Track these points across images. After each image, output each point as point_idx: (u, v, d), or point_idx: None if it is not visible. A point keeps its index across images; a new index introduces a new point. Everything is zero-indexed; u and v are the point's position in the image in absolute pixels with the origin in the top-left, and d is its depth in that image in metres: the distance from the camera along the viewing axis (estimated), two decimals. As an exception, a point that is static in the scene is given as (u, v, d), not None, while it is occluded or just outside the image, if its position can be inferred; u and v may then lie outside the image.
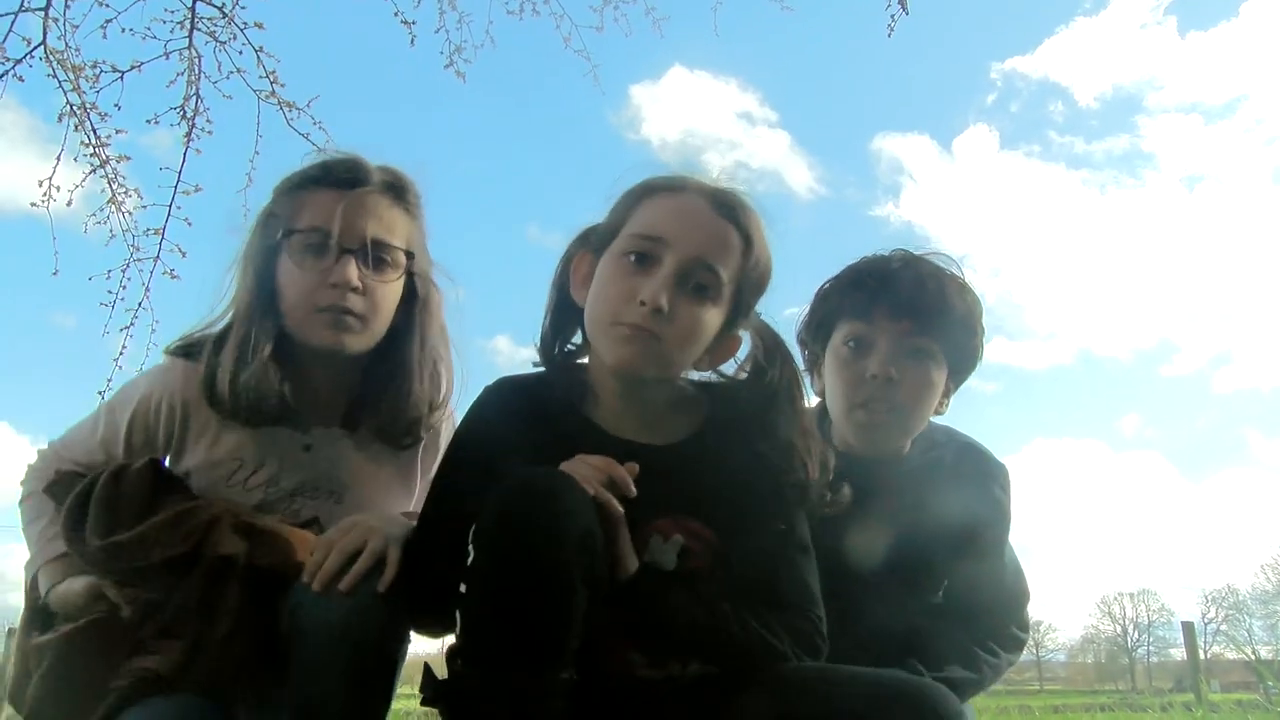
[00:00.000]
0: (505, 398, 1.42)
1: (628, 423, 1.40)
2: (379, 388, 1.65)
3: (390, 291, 1.62)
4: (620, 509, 1.20)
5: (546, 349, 1.46)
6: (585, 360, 1.47)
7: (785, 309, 1.86)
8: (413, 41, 5.25)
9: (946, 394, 1.84)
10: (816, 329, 1.84)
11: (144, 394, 1.64)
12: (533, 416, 1.37)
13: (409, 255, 1.64)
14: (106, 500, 1.44)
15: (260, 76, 5.13)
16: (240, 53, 5.09)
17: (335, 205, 1.57)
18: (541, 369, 1.47)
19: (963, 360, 1.83)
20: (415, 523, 1.42)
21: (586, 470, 1.20)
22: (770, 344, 1.46)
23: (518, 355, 1.52)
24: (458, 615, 1.16)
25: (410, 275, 1.66)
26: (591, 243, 1.43)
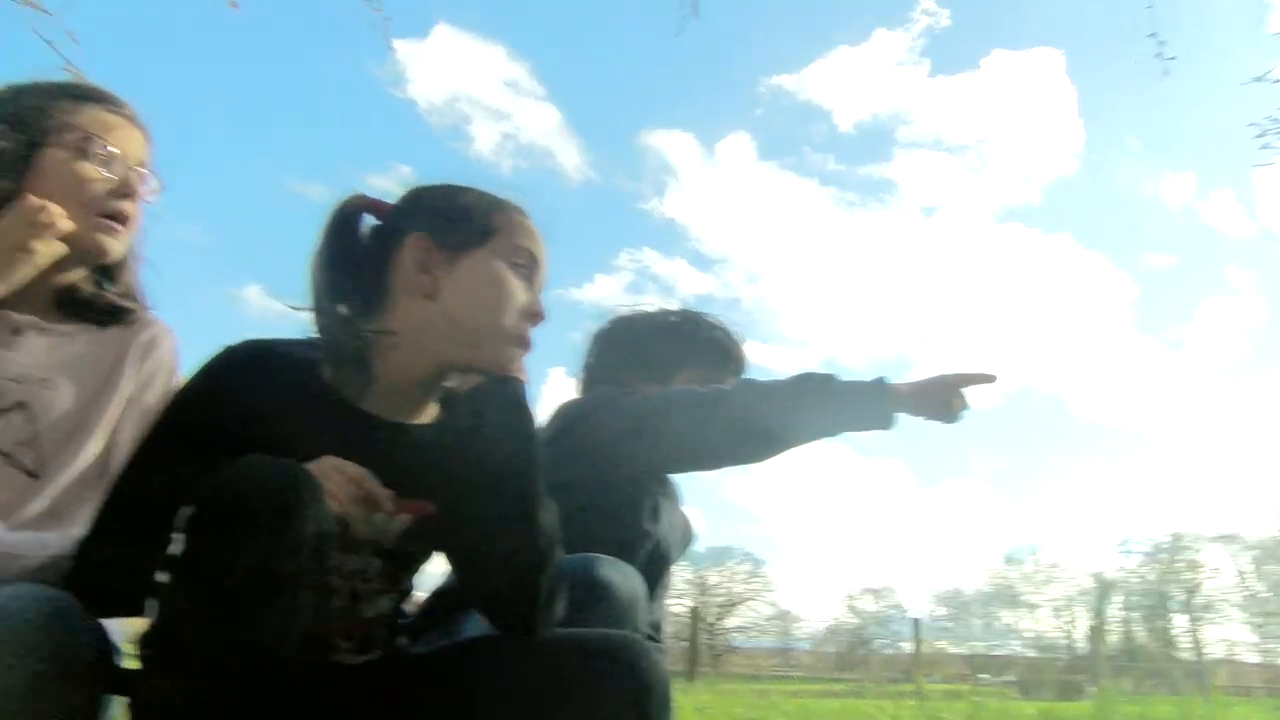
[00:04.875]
0: (254, 360, 1.27)
1: (387, 402, 1.29)
2: None
3: None
4: (364, 531, 1.13)
5: (339, 321, 1.28)
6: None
7: (554, 289, 1.70)
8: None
9: None
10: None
11: None
12: (285, 384, 1.24)
13: None
14: None
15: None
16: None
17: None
18: (306, 339, 1.31)
19: None
20: None
21: (337, 482, 1.09)
22: None
23: (271, 306, 1.21)
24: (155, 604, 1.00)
25: None
26: (429, 227, 1.30)
